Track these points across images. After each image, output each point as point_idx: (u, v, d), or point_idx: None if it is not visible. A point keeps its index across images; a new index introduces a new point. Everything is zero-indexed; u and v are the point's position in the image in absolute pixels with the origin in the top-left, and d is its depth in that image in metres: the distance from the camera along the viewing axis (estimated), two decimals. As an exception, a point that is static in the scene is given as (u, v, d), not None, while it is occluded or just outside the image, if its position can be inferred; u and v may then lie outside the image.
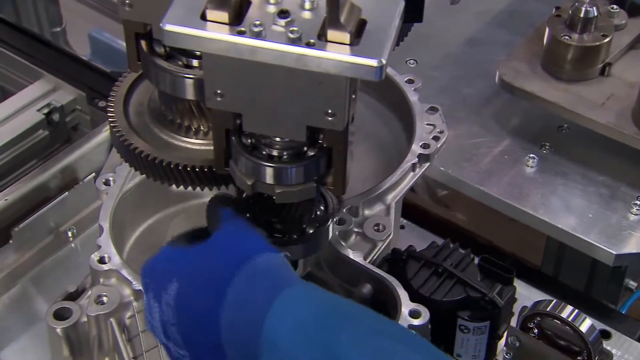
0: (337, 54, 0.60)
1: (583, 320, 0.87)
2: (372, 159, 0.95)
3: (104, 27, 1.67)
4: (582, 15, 1.09)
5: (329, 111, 0.65)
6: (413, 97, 0.95)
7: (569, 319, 0.87)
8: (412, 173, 0.91)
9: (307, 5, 0.63)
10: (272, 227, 0.74)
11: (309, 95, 0.64)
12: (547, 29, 1.12)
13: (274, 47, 0.61)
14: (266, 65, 0.62)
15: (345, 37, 0.61)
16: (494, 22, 1.32)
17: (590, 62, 1.11)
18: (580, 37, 1.10)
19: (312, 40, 0.61)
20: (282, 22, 0.62)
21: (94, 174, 1.06)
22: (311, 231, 0.74)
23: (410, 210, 1.05)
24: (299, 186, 0.69)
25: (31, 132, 1.19)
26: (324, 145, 0.68)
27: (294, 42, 0.61)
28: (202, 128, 0.76)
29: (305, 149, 0.68)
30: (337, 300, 0.63)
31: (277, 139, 0.68)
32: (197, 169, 0.72)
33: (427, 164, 0.92)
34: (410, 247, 0.87)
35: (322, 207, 0.75)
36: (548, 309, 0.88)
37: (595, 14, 1.10)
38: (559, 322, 0.87)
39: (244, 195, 0.73)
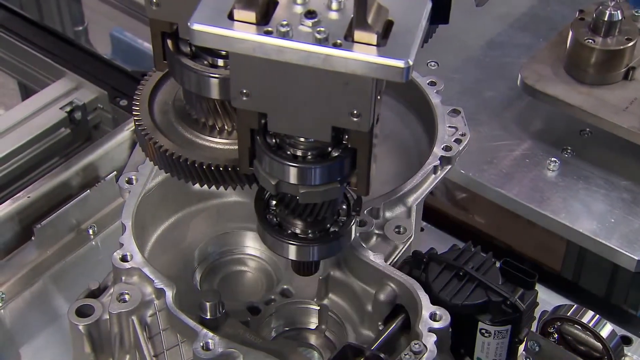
0: (363, 54, 0.60)
1: (604, 326, 0.87)
2: (393, 160, 0.95)
3: (125, 27, 1.68)
4: (606, 18, 1.09)
5: (355, 112, 0.64)
6: (435, 100, 0.95)
7: (590, 324, 0.86)
8: (433, 175, 0.91)
9: (334, 5, 0.63)
10: (294, 226, 0.74)
11: (334, 96, 0.64)
12: (570, 32, 1.11)
13: (301, 47, 0.61)
14: (292, 65, 0.62)
15: (372, 38, 0.61)
16: (515, 25, 1.31)
17: (614, 66, 1.10)
18: (604, 40, 1.09)
19: (339, 41, 0.61)
20: (309, 22, 0.62)
21: (115, 172, 1.07)
22: (335, 230, 0.74)
23: (430, 213, 1.05)
24: (322, 186, 0.69)
25: (53, 130, 1.20)
26: (349, 145, 0.68)
27: (320, 42, 0.61)
28: (226, 127, 0.76)
29: (329, 149, 0.68)
30: None
31: (302, 139, 0.68)
32: (221, 168, 0.72)
33: (449, 167, 0.92)
34: (431, 249, 0.87)
35: (345, 207, 0.75)
36: (569, 314, 0.87)
37: (620, 17, 1.09)
38: (579, 327, 0.87)
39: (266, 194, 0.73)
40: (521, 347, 0.89)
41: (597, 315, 0.87)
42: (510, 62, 1.23)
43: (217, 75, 0.71)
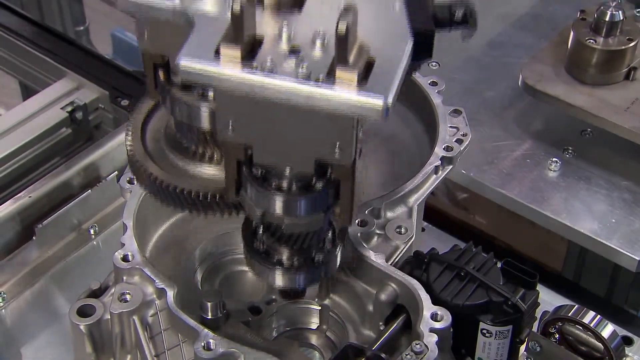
0: (344, 93, 0.62)
1: (605, 326, 0.87)
2: (394, 161, 0.95)
3: (126, 27, 1.68)
4: (607, 18, 1.09)
5: (337, 146, 0.66)
6: (436, 100, 0.95)
7: (591, 325, 0.86)
8: (434, 176, 0.91)
9: (318, 43, 0.64)
10: (280, 253, 0.75)
11: (317, 131, 0.66)
12: (571, 32, 1.11)
13: (284, 85, 0.62)
14: (276, 100, 0.63)
15: (353, 76, 0.62)
16: (517, 25, 1.31)
17: (615, 66, 1.10)
18: (605, 40, 1.09)
19: (321, 78, 0.62)
20: (293, 59, 0.63)
21: (116, 172, 1.07)
22: (319, 258, 0.76)
23: (431, 213, 1.05)
24: (307, 217, 0.70)
25: (54, 130, 1.20)
26: (332, 177, 0.69)
27: (303, 79, 0.62)
28: (215, 156, 0.77)
29: (314, 180, 0.69)
30: None
31: (287, 171, 0.69)
32: (209, 197, 0.74)
33: (450, 167, 0.92)
34: (432, 249, 0.87)
35: (330, 235, 0.76)
36: (570, 314, 0.87)
37: (621, 17, 1.09)
38: (580, 327, 0.87)
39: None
40: (522, 348, 0.89)
41: (598, 316, 0.87)
42: (511, 62, 1.23)
43: (206, 106, 0.72)
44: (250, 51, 0.64)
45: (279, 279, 0.76)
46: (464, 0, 0.73)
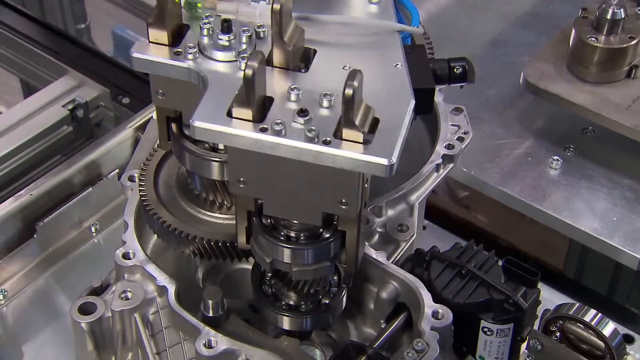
0: (350, 152, 0.65)
1: (606, 324, 0.86)
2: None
3: (127, 25, 1.68)
4: (609, 16, 1.08)
5: (343, 200, 0.69)
6: (438, 98, 0.95)
7: (592, 323, 0.86)
8: (436, 174, 0.91)
9: (325, 103, 0.67)
10: (288, 297, 0.78)
11: (324, 186, 0.69)
12: (573, 30, 1.11)
13: (293, 145, 0.65)
14: (285, 159, 0.66)
15: (359, 136, 0.65)
16: (518, 23, 1.31)
17: (617, 64, 1.10)
18: (607, 38, 1.09)
19: (328, 139, 0.66)
20: (301, 120, 0.66)
21: (117, 170, 1.07)
22: (326, 302, 0.78)
23: (432, 211, 1.05)
24: (314, 265, 0.73)
25: (56, 128, 1.20)
26: (338, 228, 0.72)
27: (311, 140, 0.65)
28: (226, 203, 0.79)
29: (321, 230, 0.72)
30: None
31: (295, 222, 0.72)
32: (220, 244, 0.76)
33: (451, 165, 0.92)
34: (433, 247, 0.87)
35: (335, 279, 0.79)
36: (571, 313, 0.87)
37: (623, 15, 1.09)
38: (581, 325, 0.87)
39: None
40: (523, 346, 0.89)
41: (600, 314, 0.86)
42: (513, 61, 1.23)
43: (216, 159, 0.74)
44: (261, 111, 0.67)
45: (286, 323, 0.78)
46: (462, 57, 0.77)
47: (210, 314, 0.76)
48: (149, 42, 0.72)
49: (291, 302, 0.78)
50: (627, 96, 1.09)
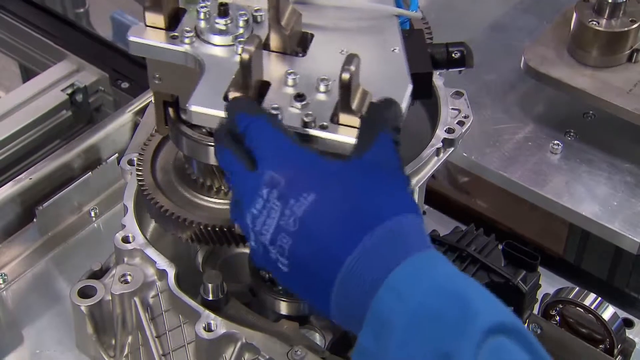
0: (347, 137, 0.65)
1: (606, 308, 0.87)
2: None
3: (126, 9, 1.67)
4: (610, 0, 1.08)
5: None
6: (438, 82, 0.94)
7: (592, 307, 0.86)
8: (436, 158, 0.90)
9: (322, 88, 0.67)
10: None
11: None
12: (574, 14, 1.11)
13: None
14: None
15: (356, 121, 0.65)
16: (519, 7, 1.30)
17: (618, 48, 1.09)
18: (608, 22, 1.08)
19: (325, 124, 0.65)
20: (298, 104, 0.66)
21: (117, 154, 1.07)
22: None
23: (432, 196, 1.05)
24: None
25: (55, 112, 1.20)
26: None
27: (308, 125, 0.65)
28: (223, 188, 0.79)
29: None
30: (459, 284, 0.57)
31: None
32: (217, 229, 0.75)
33: (452, 149, 0.91)
34: (433, 231, 0.87)
35: None
36: (571, 297, 0.87)
37: (624, -2, 1.08)
38: (581, 309, 0.87)
39: None
40: (523, 330, 0.89)
41: (599, 298, 0.87)
42: (514, 45, 1.22)
43: (213, 144, 0.73)
44: (258, 96, 0.66)
45: (284, 308, 0.78)
46: (460, 42, 0.77)
47: (210, 298, 0.76)
48: (146, 25, 0.72)
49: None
50: (628, 80, 1.08)
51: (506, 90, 1.19)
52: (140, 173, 0.79)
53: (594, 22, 1.09)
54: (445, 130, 0.90)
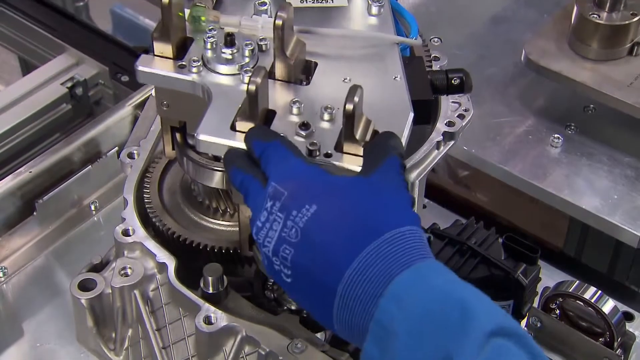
0: (351, 165, 0.66)
1: (606, 302, 0.87)
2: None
3: (125, 2, 1.67)
4: (611, -7, 1.08)
5: None
6: (439, 75, 0.94)
7: (592, 300, 0.86)
8: (436, 151, 0.90)
9: (326, 117, 0.69)
10: (289, 302, 0.78)
11: None
12: (575, 7, 1.10)
13: None
14: None
15: (359, 149, 0.67)
16: (519, 0, 1.30)
17: (619, 41, 1.09)
18: (609, 15, 1.08)
19: (329, 152, 0.67)
20: (303, 133, 0.68)
21: (117, 147, 1.06)
22: None
23: (431, 190, 1.05)
24: None
25: (54, 106, 1.20)
26: None
27: (312, 153, 0.67)
28: (228, 210, 0.80)
29: None
30: (459, 290, 0.59)
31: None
32: (222, 250, 0.77)
33: (452, 142, 0.91)
34: (433, 224, 0.87)
35: None
36: (571, 290, 0.87)
37: (625, -8, 1.08)
38: (581, 303, 0.87)
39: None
40: (523, 323, 0.90)
41: (599, 291, 0.87)
42: (514, 38, 1.22)
43: (219, 169, 0.75)
44: (264, 125, 0.68)
45: None
46: (460, 69, 0.79)
47: (210, 291, 0.76)
48: (154, 55, 0.73)
49: (292, 307, 0.78)
50: (629, 74, 1.08)
51: (507, 83, 1.18)
52: (147, 195, 0.81)
53: (595, 15, 1.08)
54: (445, 124, 0.90)
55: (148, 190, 0.81)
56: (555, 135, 1.11)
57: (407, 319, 0.56)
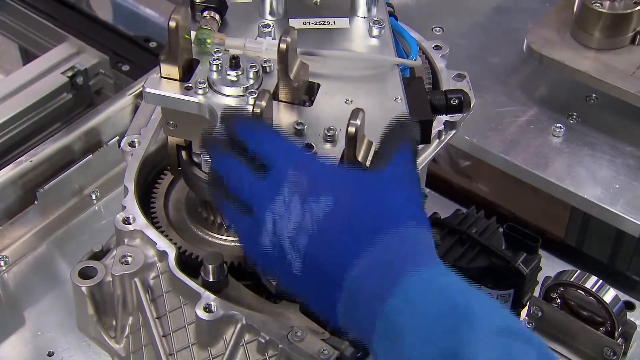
0: None
1: (607, 291, 0.87)
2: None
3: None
4: (614, -19, 1.07)
5: None
6: (440, 64, 0.94)
7: (593, 290, 0.86)
8: (437, 140, 0.90)
9: (329, 138, 0.70)
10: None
11: None
12: (577, -4, 1.10)
13: None
14: None
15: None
16: (523, -10, 1.30)
17: (621, 31, 1.09)
18: (612, 4, 1.08)
19: None
20: None
21: (117, 137, 1.06)
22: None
23: (433, 180, 1.05)
24: None
25: (55, 95, 1.19)
26: None
27: None
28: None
29: None
30: (468, 292, 0.59)
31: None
32: (226, 264, 0.77)
33: (453, 132, 0.91)
34: (434, 214, 0.86)
35: None
36: (572, 279, 0.87)
37: (628, -20, 1.08)
38: (582, 292, 0.87)
39: None
40: (523, 312, 0.89)
41: (601, 281, 0.87)
42: (516, 28, 1.21)
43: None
44: None
45: None
46: (459, 89, 0.81)
47: (211, 279, 0.76)
48: (161, 77, 0.75)
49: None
50: (631, 63, 1.08)
51: (508, 73, 1.18)
52: (154, 210, 0.83)
53: (597, 4, 1.08)
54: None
55: (155, 205, 0.83)
56: (557, 125, 1.11)
57: (416, 315, 0.56)
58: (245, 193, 0.64)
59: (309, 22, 0.81)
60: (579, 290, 0.87)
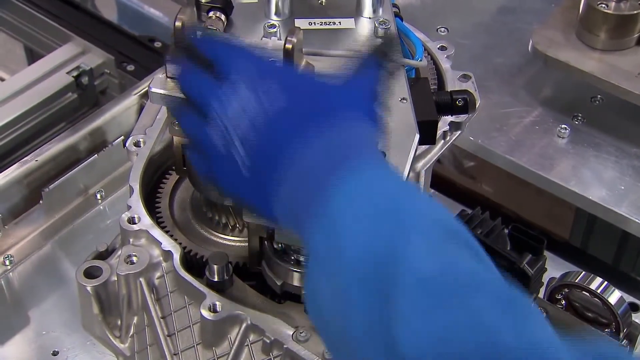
0: None
1: (612, 292, 0.86)
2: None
3: (131, -8, 1.66)
4: (619, -18, 1.07)
5: None
6: (445, 65, 0.94)
7: (598, 291, 0.86)
8: (442, 141, 0.90)
9: None
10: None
11: None
12: (583, -3, 1.10)
13: None
14: None
15: None
16: (528, -10, 1.30)
17: (627, 32, 1.09)
18: (617, 5, 1.07)
19: None
20: None
21: (122, 137, 1.06)
22: None
23: (437, 181, 1.04)
24: None
25: (60, 95, 1.20)
26: None
27: None
28: (237, 226, 0.82)
29: None
30: (412, 189, 0.61)
31: (304, 247, 0.71)
32: (232, 264, 0.77)
33: (458, 132, 0.91)
34: (439, 214, 0.86)
35: None
36: (577, 281, 0.87)
37: (633, -19, 1.07)
38: (587, 293, 0.87)
39: None
40: (528, 313, 0.89)
41: (605, 282, 0.86)
42: (521, 28, 1.21)
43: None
44: None
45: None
46: (464, 90, 0.81)
47: (216, 279, 0.76)
48: (167, 77, 0.74)
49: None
50: (637, 64, 1.08)
51: (514, 73, 1.18)
52: (159, 210, 0.83)
53: (603, 5, 1.08)
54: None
55: (160, 205, 0.83)
56: (562, 126, 1.11)
57: (355, 209, 0.56)
58: (202, 98, 0.64)
59: (314, 23, 0.81)
60: (583, 292, 0.87)
